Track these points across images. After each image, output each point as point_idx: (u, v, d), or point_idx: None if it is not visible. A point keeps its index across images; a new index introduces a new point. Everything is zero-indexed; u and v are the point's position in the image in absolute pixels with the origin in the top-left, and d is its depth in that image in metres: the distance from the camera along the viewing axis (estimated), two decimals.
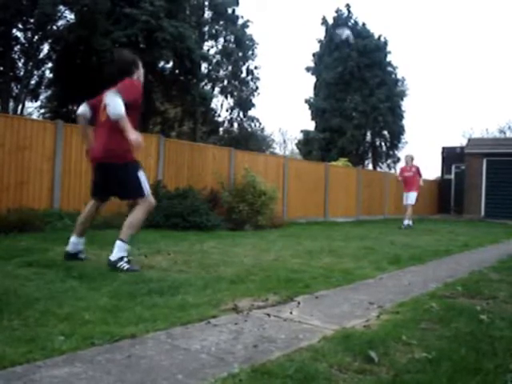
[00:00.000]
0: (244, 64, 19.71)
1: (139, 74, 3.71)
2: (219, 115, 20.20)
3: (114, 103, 3.30)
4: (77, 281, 2.95)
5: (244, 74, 19.80)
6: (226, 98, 19.80)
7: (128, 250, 3.53)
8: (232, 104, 20.00)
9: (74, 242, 3.72)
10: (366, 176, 14.23)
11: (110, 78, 3.67)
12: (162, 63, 14.73)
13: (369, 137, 22.40)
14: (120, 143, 3.45)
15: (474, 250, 6.10)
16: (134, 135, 3.34)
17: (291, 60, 65.21)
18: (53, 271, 3.23)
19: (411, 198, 10.33)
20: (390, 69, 21.87)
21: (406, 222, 10.13)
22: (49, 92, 15.48)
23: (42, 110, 16.20)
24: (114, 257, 3.44)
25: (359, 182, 13.65)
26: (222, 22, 18.76)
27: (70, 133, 6.96)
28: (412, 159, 10.63)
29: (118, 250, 3.45)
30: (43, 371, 1.58)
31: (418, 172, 10.44)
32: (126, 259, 3.45)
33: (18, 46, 13.14)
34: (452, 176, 19.05)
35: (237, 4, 18.69)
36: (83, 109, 3.78)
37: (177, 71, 15.25)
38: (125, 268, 3.38)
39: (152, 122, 16.84)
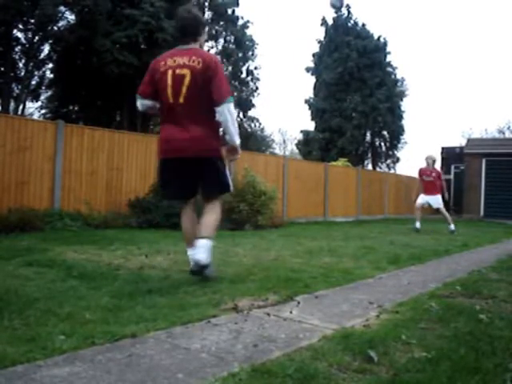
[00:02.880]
0: (244, 64, 19.74)
1: (204, 38, 3.13)
2: None
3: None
4: (77, 280, 2.95)
5: (244, 75, 19.83)
6: None
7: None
8: None
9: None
10: (365, 176, 14.24)
11: (182, 32, 3.02)
12: None
13: (368, 137, 22.43)
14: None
15: (473, 250, 6.10)
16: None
17: (291, 60, 65.35)
18: (53, 271, 3.24)
19: (438, 201, 9.32)
20: (389, 69, 21.92)
21: (452, 227, 9.03)
22: (49, 92, 15.50)
23: (43, 111, 16.20)
24: (206, 259, 2.91)
25: (359, 182, 13.66)
26: (222, 23, 18.79)
27: (71, 133, 6.98)
28: (434, 162, 9.56)
29: (208, 252, 2.93)
30: (44, 370, 1.58)
31: (439, 178, 9.41)
32: (212, 267, 2.96)
33: (19, 47, 13.17)
34: (451, 176, 19.06)
35: (237, 5, 18.71)
36: (142, 106, 3.12)
37: None
38: (213, 276, 2.96)
39: (152, 122, 16.83)
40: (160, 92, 2.95)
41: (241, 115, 20.37)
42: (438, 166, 11.51)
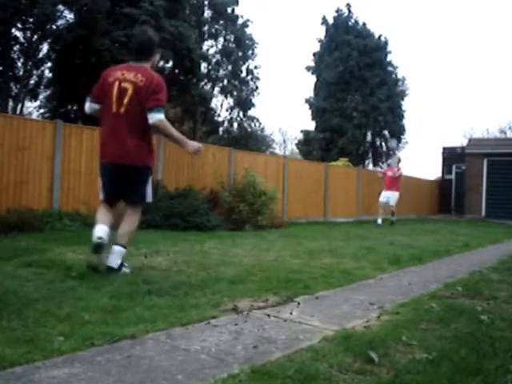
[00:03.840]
0: (244, 64, 19.69)
1: (157, 58, 3.47)
2: (219, 115, 20.22)
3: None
4: (76, 281, 2.94)
5: (244, 74, 19.79)
6: (226, 97, 19.81)
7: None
8: (232, 104, 20.00)
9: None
10: (366, 176, 14.22)
11: (136, 51, 3.36)
12: (161, 63, 14.71)
13: (369, 137, 22.40)
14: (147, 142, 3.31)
15: (474, 251, 6.10)
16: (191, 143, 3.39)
17: (291, 60, 65.22)
18: (52, 271, 3.23)
19: (394, 197, 10.82)
20: (390, 68, 21.89)
21: (394, 218, 10.72)
22: (48, 92, 15.44)
23: (42, 110, 16.16)
24: (117, 264, 3.21)
25: (359, 182, 13.64)
26: (221, 22, 18.76)
27: (70, 133, 6.96)
28: (399, 161, 11.28)
29: (120, 257, 3.23)
30: (42, 372, 1.57)
31: (398, 172, 10.94)
32: (125, 264, 3.34)
33: (18, 46, 13.12)
34: (453, 176, 19.05)
35: (236, 3, 18.68)
36: (90, 109, 3.42)
37: (176, 71, 15.25)
38: (128, 272, 3.27)
39: None
40: (106, 100, 3.26)
41: (241, 115, 20.35)
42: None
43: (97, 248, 3.14)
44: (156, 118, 3.18)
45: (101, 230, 3.18)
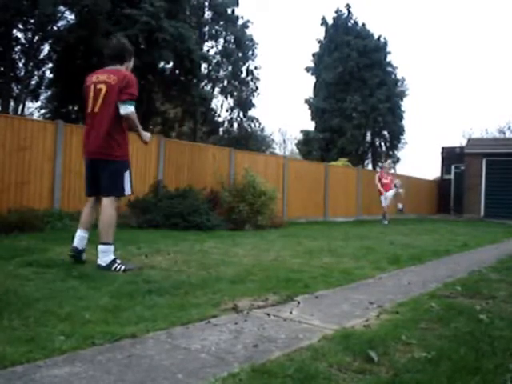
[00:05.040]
0: (244, 64, 19.69)
1: (130, 65, 3.75)
2: (219, 115, 20.20)
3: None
4: (77, 280, 2.95)
5: (244, 75, 19.78)
6: (226, 98, 19.79)
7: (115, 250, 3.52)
8: (232, 104, 19.99)
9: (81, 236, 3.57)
10: (365, 176, 14.23)
11: (110, 56, 3.68)
12: (162, 63, 14.72)
13: (368, 137, 22.41)
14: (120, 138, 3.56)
15: (473, 250, 6.10)
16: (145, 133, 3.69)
17: (291, 60, 65.25)
18: (53, 271, 3.24)
19: (390, 194, 11.65)
20: (389, 69, 21.89)
21: (386, 221, 11.37)
22: (49, 92, 15.46)
23: (43, 111, 16.17)
24: (105, 262, 3.38)
25: (359, 181, 13.65)
26: (221, 23, 18.75)
27: (71, 133, 6.97)
28: (390, 168, 13.52)
29: (107, 255, 3.41)
30: (43, 371, 1.58)
31: (392, 181, 11.90)
32: (118, 260, 3.45)
33: (19, 47, 13.13)
34: (452, 176, 19.06)
35: (237, 4, 18.67)
36: None
37: (177, 71, 15.25)
38: (122, 269, 3.37)
39: (152, 122, 16.83)
40: (85, 102, 3.58)
41: (241, 115, 20.34)
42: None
43: (73, 258, 3.55)
44: (128, 109, 3.43)
45: (76, 240, 3.54)
